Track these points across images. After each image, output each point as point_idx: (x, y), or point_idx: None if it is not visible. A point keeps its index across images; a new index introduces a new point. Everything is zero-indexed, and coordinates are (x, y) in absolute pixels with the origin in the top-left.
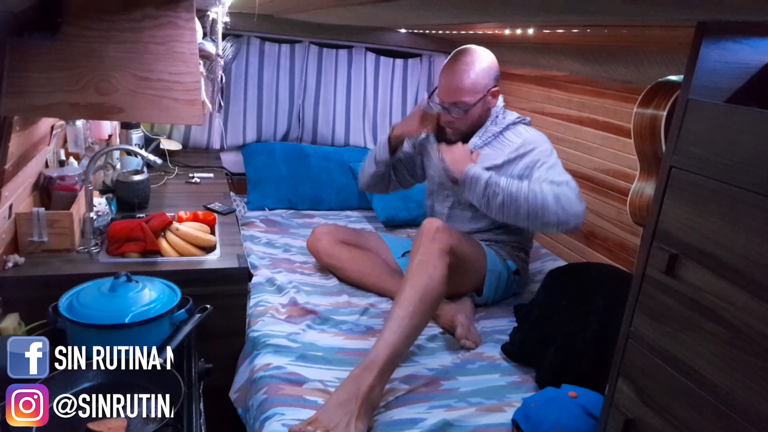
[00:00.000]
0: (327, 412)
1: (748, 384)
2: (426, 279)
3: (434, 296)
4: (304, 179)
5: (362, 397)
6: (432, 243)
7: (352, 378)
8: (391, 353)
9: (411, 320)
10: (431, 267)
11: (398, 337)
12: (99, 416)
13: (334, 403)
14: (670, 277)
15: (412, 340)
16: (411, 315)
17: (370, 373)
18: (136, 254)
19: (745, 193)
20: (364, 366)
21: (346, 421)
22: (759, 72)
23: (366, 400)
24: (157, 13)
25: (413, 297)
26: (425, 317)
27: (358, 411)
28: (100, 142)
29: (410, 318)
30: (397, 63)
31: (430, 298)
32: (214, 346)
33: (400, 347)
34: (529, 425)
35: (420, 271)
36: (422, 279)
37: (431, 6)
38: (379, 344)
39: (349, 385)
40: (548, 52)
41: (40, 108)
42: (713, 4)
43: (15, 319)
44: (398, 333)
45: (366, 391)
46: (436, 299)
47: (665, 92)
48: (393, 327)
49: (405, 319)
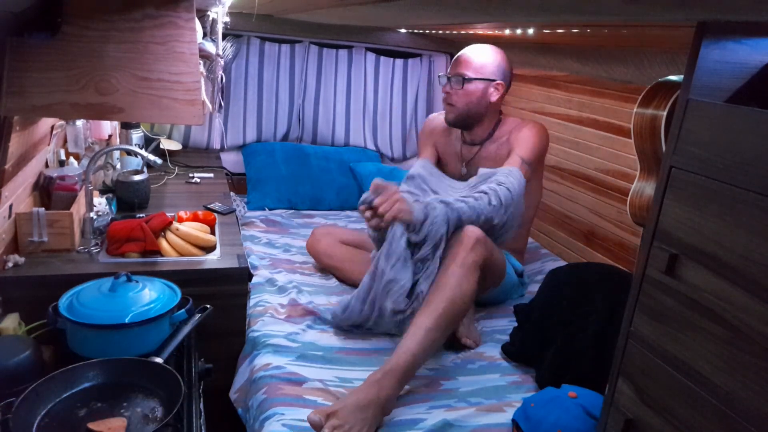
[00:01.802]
0: (346, 410)
1: (748, 384)
2: (457, 292)
3: (461, 311)
4: (304, 179)
5: (381, 405)
6: (470, 254)
7: (373, 381)
8: (411, 362)
9: (435, 333)
10: (464, 280)
11: (419, 348)
12: (99, 416)
13: (354, 403)
14: (670, 277)
15: (432, 351)
16: (435, 328)
17: (389, 380)
18: (136, 254)
19: (745, 193)
20: (385, 371)
21: (359, 428)
22: (759, 72)
23: (383, 407)
24: (157, 13)
25: (441, 309)
26: (447, 331)
27: (373, 419)
28: (100, 142)
29: (434, 331)
30: (397, 63)
31: (456, 312)
32: (214, 346)
33: (420, 358)
34: (529, 425)
35: (452, 281)
36: (453, 292)
37: (431, 6)
38: (400, 351)
39: (370, 388)
40: (548, 52)
41: (40, 108)
42: (713, 4)
43: (15, 319)
44: (421, 344)
45: (385, 398)
46: (461, 313)
47: (665, 92)
48: (417, 337)
49: (430, 332)
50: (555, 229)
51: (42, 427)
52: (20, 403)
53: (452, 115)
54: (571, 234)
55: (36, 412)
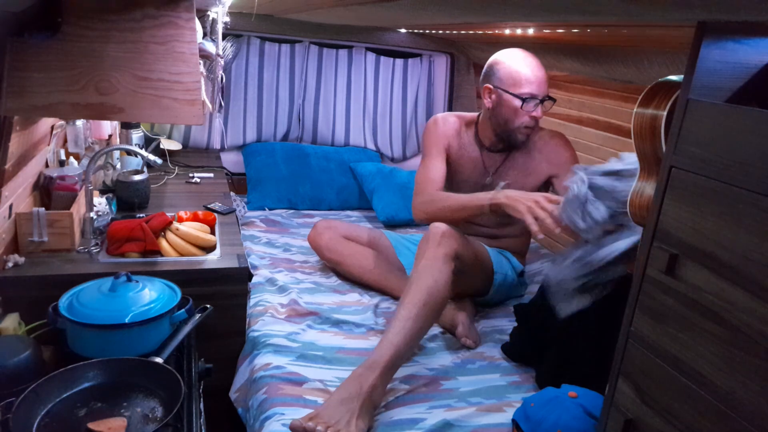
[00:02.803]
0: (328, 409)
1: (748, 384)
2: (431, 282)
3: (438, 300)
4: (304, 179)
5: (364, 396)
6: (438, 248)
7: (354, 377)
8: (394, 354)
9: (415, 323)
10: (437, 271)
11: (401, 339)
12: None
13: (336, 400)
14: (670, 277)
15: (415, 342)
16: (415, 317)
17: (372, 373)
18: (136, 254)
19: (745, 193)
20: (367, 366)
21: (347, 419)
22: (759, 72)
23: (368, 399)
24: (157, 13)
25: (418, 300)
26: (429, 321)
27: (359, 410)
28: (100, 142)
29: (414, 320)
30: (397, 63)
31: (434, 301)
32: (214, 346)
33: (403, 349)
34: (529, 425)
35: (425, 274)
36: (427, 282)
37: (431, 6)
38: (382, 345)
39: (351, 383)
40: (548, 52)
41: (40, 108)
42: (713, 4)
43: (15, 319)
44: (401, 335)
45: (368, 390)
46: (440, 303)
47: (665, 92)
48: (397, 328)
49: (409, 321)
50: None
51: (42, 427)
52: (20, 403)
53: (527, 134)
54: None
55: (36, 412)
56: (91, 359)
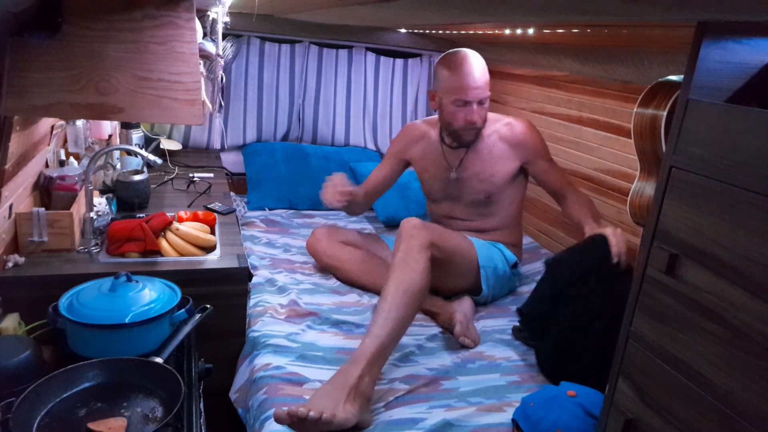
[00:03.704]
0: (314, 401)
1: (748, 384)
2: (407, 272)
3: (417, 288)
4: (304, 179)
5: (350, 386)
6: (411, 240)
7: (340, 372)
8: (378, 346)
9: (396, 313)
10: (412, 261)
11: (384, 330)
12: (99, 416)
13: (322, 392)
14: (670, 277)
15: (399, 332)
16: (396, 308)
17: (357, 365)
18: (136, 254)
19: (745, 193)
20: (352, 360)
21: (333, 405)
22: (759, 72)
23: (355, 387)
24: (157, 13)
25: (396, 290)
26: (410, 310)
27: (346, 397)
28: (100, 142)
29: (395, 311)
30: (397, 63)
31: (412, 290)
32: (214, 346)
33: (387, 340)
34: (528, 425)
35: (401, 266)
36: (403, 273)
37: (431, 6)
38: (366, 338)
39: (337, 377)
40: (548, 52)
41: (40, 108)
42: (713, 4)
43: (15, 319)
44: (383, 326)
45: (354, 380)
46: (419, 291)
47: (665, 92)
48: (379, 321)
49: (391, 312)
50: (555, 228)
51: (42, 427)
52: (20, 403)
53: (474, 132)
54: (571, 234)
55: (36, 412)
56: (91, 359)
